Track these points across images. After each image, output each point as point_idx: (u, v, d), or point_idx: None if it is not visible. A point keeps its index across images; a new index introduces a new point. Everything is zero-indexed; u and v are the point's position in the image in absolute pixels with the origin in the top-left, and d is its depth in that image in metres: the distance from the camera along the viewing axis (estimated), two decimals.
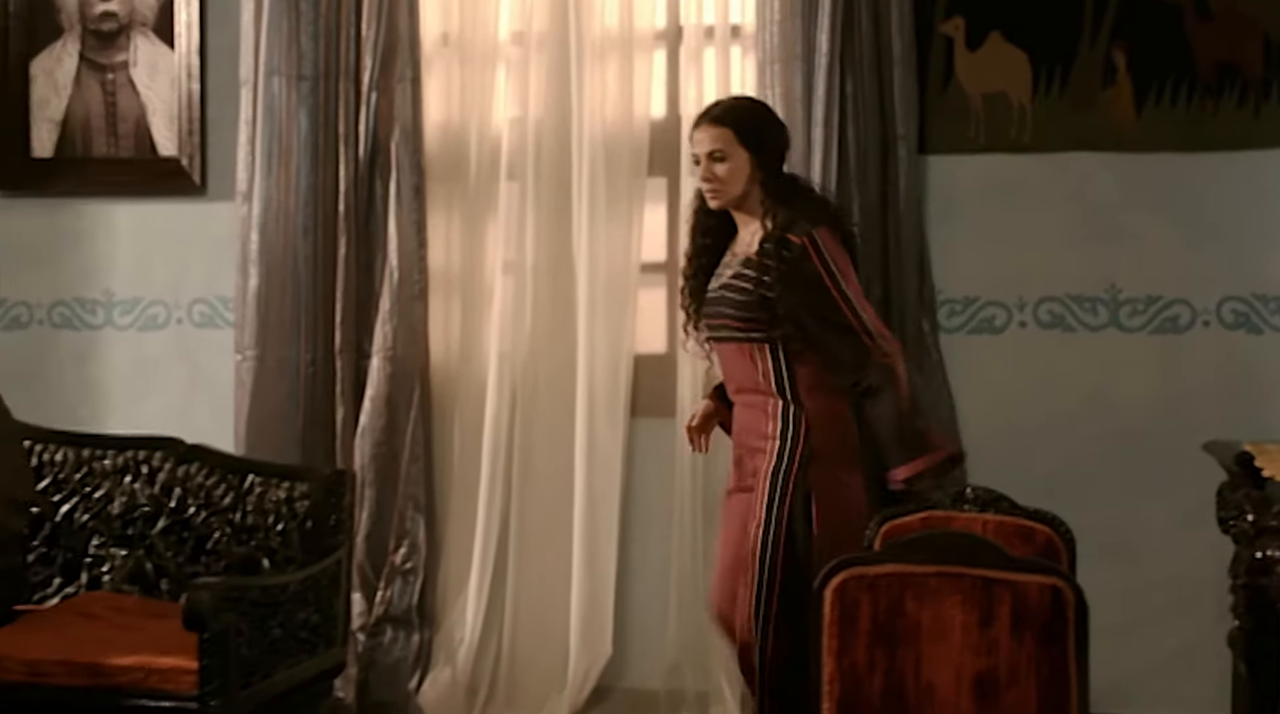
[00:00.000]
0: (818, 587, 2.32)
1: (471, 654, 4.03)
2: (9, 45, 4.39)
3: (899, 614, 2.25)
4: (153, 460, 3.67)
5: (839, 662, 2.27)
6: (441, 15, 4.14)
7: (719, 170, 3.26)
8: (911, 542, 2.30)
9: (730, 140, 3.26)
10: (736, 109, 3.36)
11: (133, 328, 4.40)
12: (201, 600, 2.91)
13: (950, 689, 2.23)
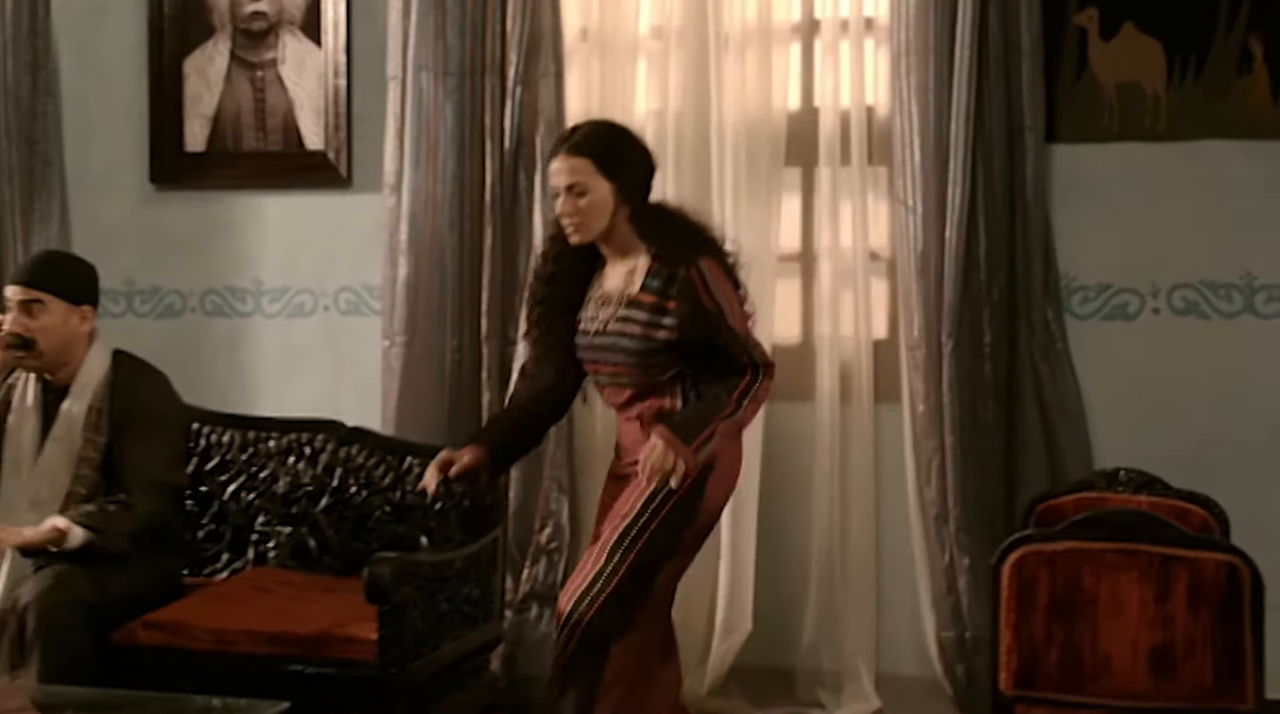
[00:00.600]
0: (994, 563, 2.41)
1: None
2: (164, 45, 4.57)
3: (1076, 589, 2.34)
4: (315, 442, 3.83)
5: (1016, 634, 2.36)
6: (582, 11, 4.25)
7: (580, 204, 3.01)
8: (1089, 520, 2.39)
9: (590, 171, 3.01)
10: (594, 136, 3.08)
11: (281, 315, 4.57)
12: (383, 575, 3.06)
13: (1126, 661, 2.31)
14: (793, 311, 4.25)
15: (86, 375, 3.44)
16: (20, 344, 3.36)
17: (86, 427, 3.37)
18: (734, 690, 4.15)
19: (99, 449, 3.37)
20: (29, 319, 3.36)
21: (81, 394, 3.41)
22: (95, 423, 3.38)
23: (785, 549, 4.18)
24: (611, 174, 3.02)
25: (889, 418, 4.11)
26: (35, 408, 3.44)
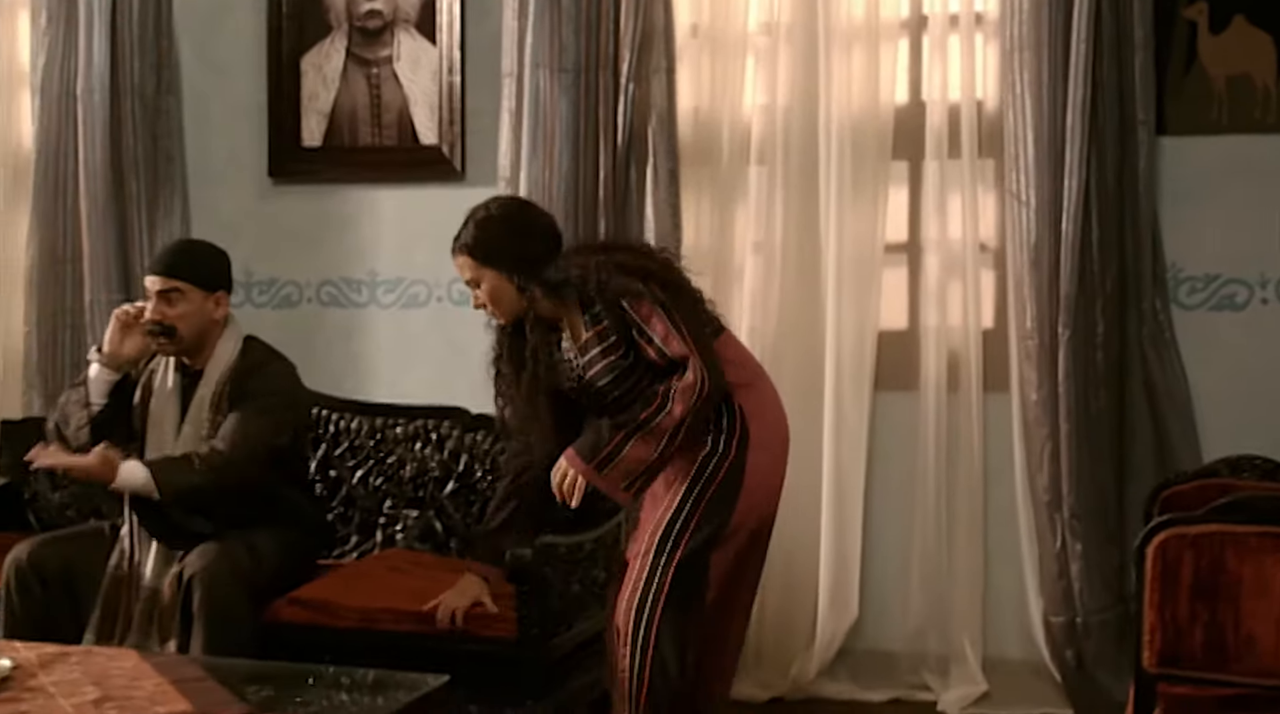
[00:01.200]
0: (1138, 545, 2.49)
1: None
2: (282, 43, 4.71)
3: (1220, 571, 2.41)
4: (441, 428, 3.96)
5: (1160, 614, 2.43)
6: (692, 8, 4.34)
7: (480, 296, 3.22)
8: (1232, 504, 2.45)
9: (474, 266, 3.21)
10: (475, 232, 3.25)
11: (395, 306, 4.70)
12: (524, 556, 3.18)
13: (1271, 641, 2.38)
14: (899, 302, 4.32)
15: (217, 360, 3.57)
16: (160, 331, 3.50)
17: (210, 408, 3.50)
18: (841, 674, 4.25)
19: (215, 428, 3.49)
20: (168, 307, 3.50)
21: (211, 378, 3.54)
22: (217, 405, 3.51)
23: (891, 534, 4.26)
24: (494, 264, 3.18)
25: (996, 406, 4.18)
26: (174, 392, 3.57)
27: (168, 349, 3.53)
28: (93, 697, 2.56)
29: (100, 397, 3.49)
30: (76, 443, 3.47)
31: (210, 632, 3.20)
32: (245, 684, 2.69)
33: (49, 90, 4.70)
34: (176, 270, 3.52)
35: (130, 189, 4.67)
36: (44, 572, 3.40)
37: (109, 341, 3.54)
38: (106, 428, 3.48)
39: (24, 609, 3.34)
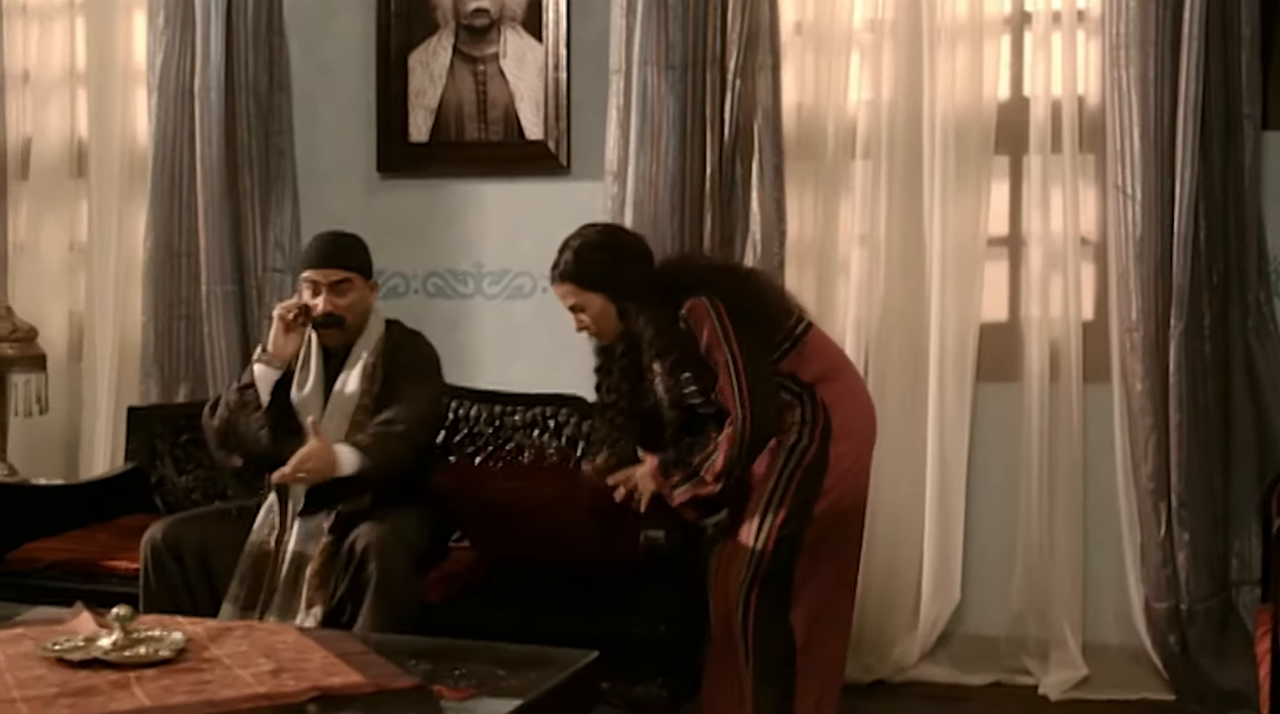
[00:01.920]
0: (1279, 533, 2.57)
1: None
2: (390, 40, 4.83)
3: None
4: (559, 416, 4.08)
5: None
6: (797, 5, 4.43)
7: (584, 319, 3.46)
8: None
9: (576, 292, 3.44)
10: (571, 260, 3.47)
11: (501, 297, 4.82)
12: (660, 539, 3.29)
13: None
14: (1000, 294, 4.40)
15: (365, 343, 3.71)
16: (334, 322, 3.63)
17: (363, 380, 3.63)
18: (942, 657, 4.34)
19: (373, 397, 3.64)
20: (338, 298, 3.64)
21: (359, 358, 3.68)
22: (370, 375, 3.64)
23: (993, 521, 4.35)
24: (597, 289, 3.42)
25: (1096, 397, 4.25)
26: (318, 376, 3.70)
27: (337, 338, 3.67)
28: (268, 668, 2.68)
29: (267, 395, 3.63)
30: (256, 445, 3.60)
31: (381, 602, 3.32)
32: (404, 658, 2.80)
33: (166, 88, 4.84)
34: (344, 262, 3.67)
35: (244, 184, 4.81)
36: (179, 550, 3.54)
37: (273, 342, 3.66)
38: (278, 425, 3.61)
39: (161, 586, 3.48)
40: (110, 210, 5.06)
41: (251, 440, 3.63)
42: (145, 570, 3.52)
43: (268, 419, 3.63)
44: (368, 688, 2.58)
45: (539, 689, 2.62)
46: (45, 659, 2.72)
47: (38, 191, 5.21)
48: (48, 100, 5.18)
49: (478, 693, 2.59)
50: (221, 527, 3.61)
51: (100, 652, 2.69)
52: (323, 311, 3.65)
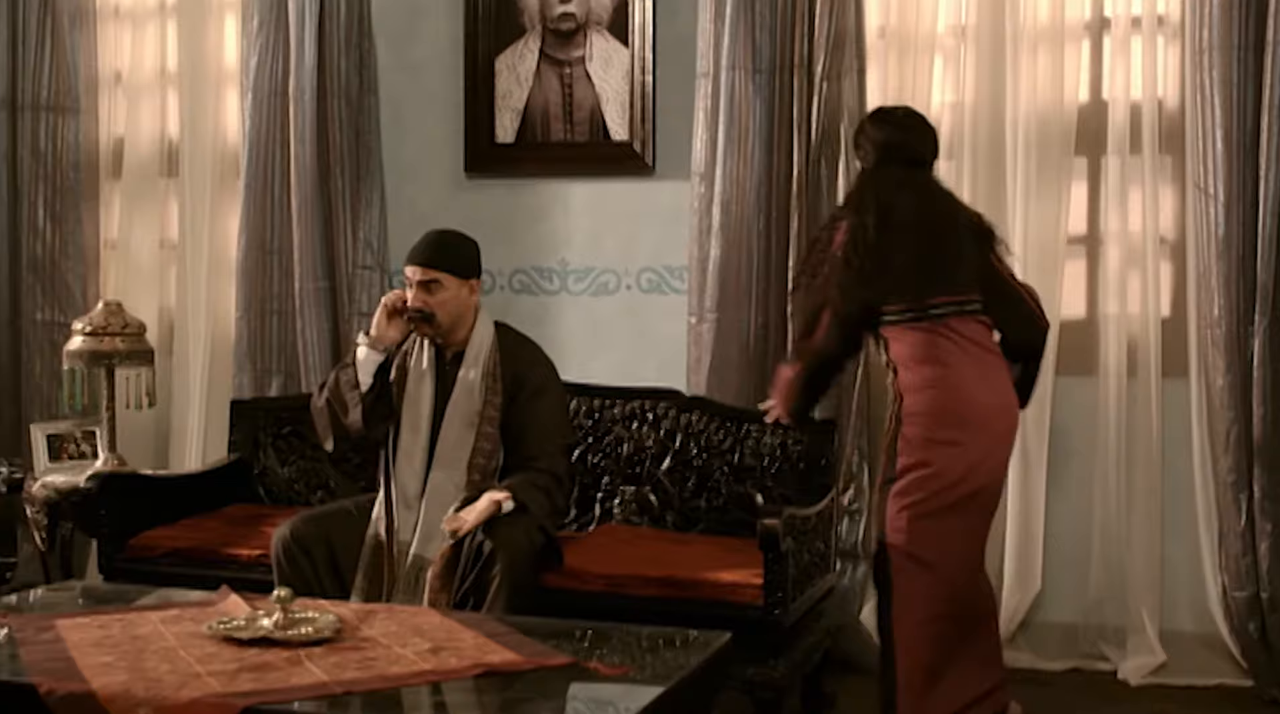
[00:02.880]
0: None
1: None
2: (478, 44, 4.96)
3: None
4: (657, 409, 4.21)
5: None
6: (881, 10, 4.56)
7: None
8: None
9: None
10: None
11: (585, 293, 4.95)
12: (775, 527, 3.42)
13: None
14: (1078, 291, 4.53)
15: (477, 343, 3.83)
16: (422, 317, 3.77)
17: (484, 391, 3.76)
18: (1023, 644, 4.47)
19: (497, 408, 3.76)
20: (428, 296, 3.77)
21: (475, 361, 3.81)
22: (491, 386, 3.77)
23: (1072, 513, 4.48)
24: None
25: (1173, 391, 4.38)
26: (430, 372, 3.83)
27: (427, 333, 3.80)
28: (426, 646, 2.81)
29: (368, 377, 3.76)
30: (351, 420, 3.73)
31: (506, 599, 3.44)
32: (543, 639, 2.93)
33: (260, 90, 4.97)
34: (436, 262, 3.78)
35: (335, 184, 4.94)
36: (308, 545, 3.67)
37: (375, 326, 3.80)
38: (375, 405, 3.74)
39: (294, 578, 3.60)
40: (201, 209, 5.19)
41: (347, 420, 3.75)
42: (278, 565, 3.65)
43: (364, 400, 3.75)
44: (527, 665, 2.72)
45: (688, 667, 2.75)
46: (213, 638, 2.86)
47: (129, 190, 5.34)
48: (139, 101, 5.31)
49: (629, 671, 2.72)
50: (345, 524, 3.74)
51: (265, 631, 2.83)
52: (412, 307, 3.78)
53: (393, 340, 3.80)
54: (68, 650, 2.76)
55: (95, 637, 2.87)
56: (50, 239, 5.28)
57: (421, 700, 2.54)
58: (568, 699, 2.58)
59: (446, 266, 3.79)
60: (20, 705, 2.58)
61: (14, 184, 5.31)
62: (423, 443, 3.78)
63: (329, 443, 3.82)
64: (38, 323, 5.29)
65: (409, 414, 3.82)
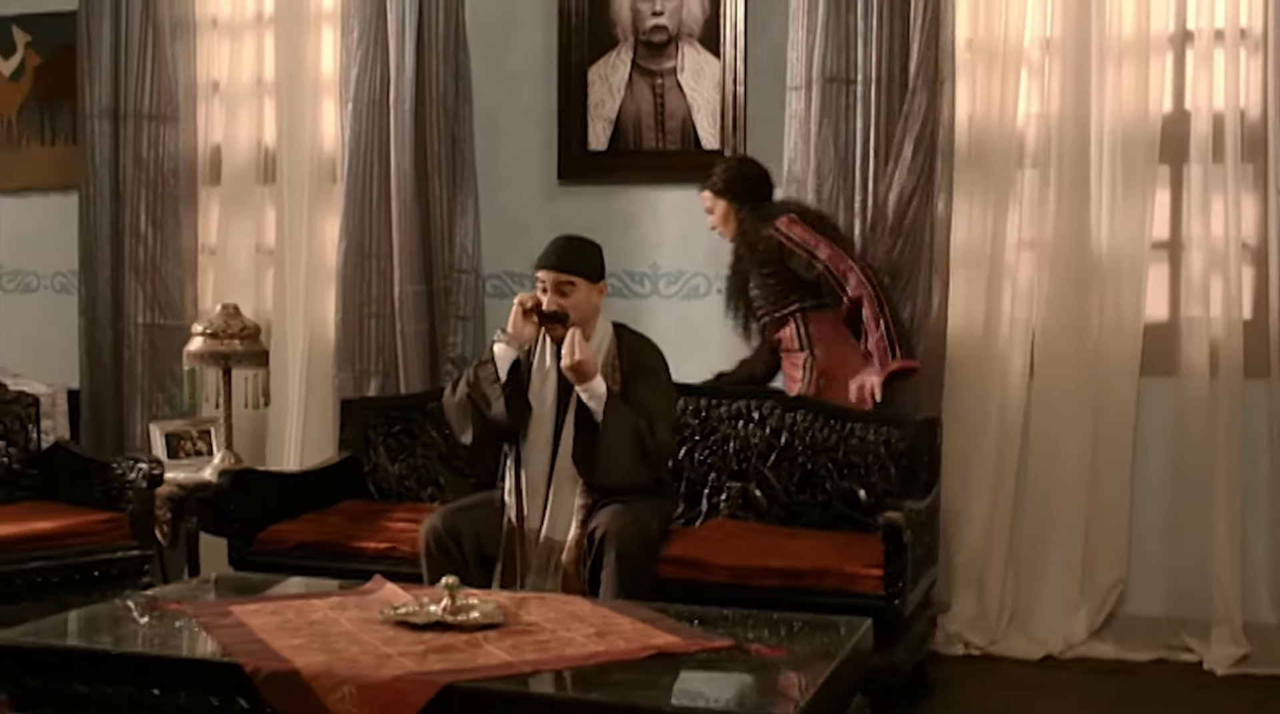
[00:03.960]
0: None
1: (996, 580, 4.66)
2: (570, 55, 5.13)
3: None
4: (763, 408, 4.36)
5: None
6: (969, 23, 4.71)
7: (713, 221, 4.54)
8: None
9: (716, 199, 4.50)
10: (727, 173, 4.52)
11: (676, 297, 5.11)
12: (899, 520, 3.59)
13: None
14: (1161, 294, 4.69)
15: (597, 342, 3.99)
16: (556, 319, 3.93)
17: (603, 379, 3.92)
18: (1108, 635, 4.62)
19: None
20: (562, 298, 3.93)
21: (596, 358, 3.96)
22: (610, 375, 3.93)
23: (1155, 506, 4.64)
24: (729, 197, 4.56)
25: (1254, 391, 4.54)
26: (553, 369, 3.98)
27: (560, 334, 3.95)
28: (590, 630, 2.97)
29: (505, 372, 3.92)
30: (495, 412, 3.89)
31: (620, 585, 3.61)
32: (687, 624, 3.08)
33: (360, 99, 5.14)
34: (569, 266, 3.94)
35: (434, 191, 5.11)
36: (457, 535, 3.82)
37: (511, 324, 3.95)
38: (514, 398, 3.90)
39: (445, 567, 3.74)
40: (299, 215, 5.36)
41: (490, 413, 3.90)
42: (428, 554, 3.80)
43: (503, 394, 3.91)
44: (691, 647, 2.87)
45: (843, 648, 2.91)
46: (387, 623, 3.01)
47: (227, 197, 5.51)
48: (237, 110, 5.48)
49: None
50: (489, 514, 3.89)
51: (438, 616, 2.99)
52: (548, 308, 3.94)
53: (528, 338, 3.96)
54: (256, 634, 2.92)
55: (275, 622, 3.02)
56: (152, 244, 5.45)
57: (604, 679, 2.68)
58: (742, 678, 2.73)
59: (579, 270, 3.95)
60: (221, 685, 2.74)
61: (117, 190, 5.48)
62: (547, 435, 3.94)
63: (467, 436, 3.97)
64: (139, 325, 5.46)
65: (537, 408, 3.97)
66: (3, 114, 5.89)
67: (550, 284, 3.94)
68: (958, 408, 4.71)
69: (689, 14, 5.02)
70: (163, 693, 2.77)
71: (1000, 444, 4.68)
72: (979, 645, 4.64)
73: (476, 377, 3.95)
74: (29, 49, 5.84)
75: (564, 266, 3.95)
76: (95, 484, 4.21)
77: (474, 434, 3.99)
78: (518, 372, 3.96)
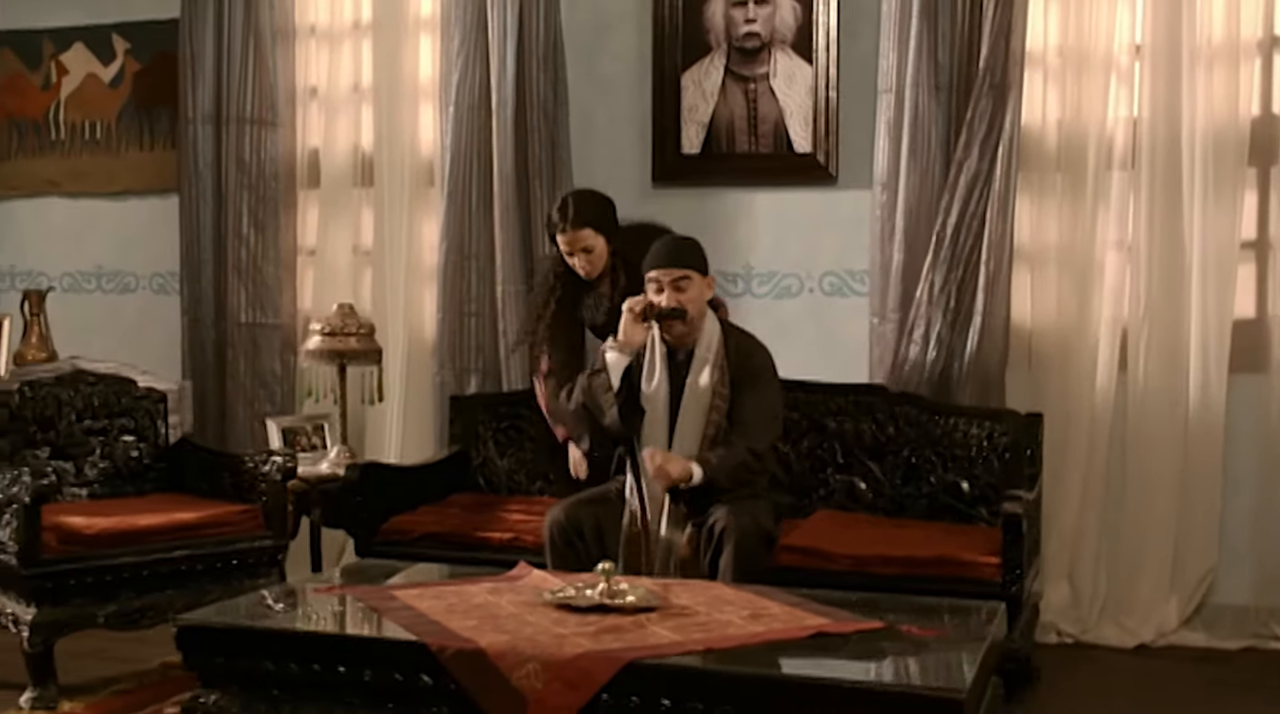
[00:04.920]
0: None
1: (1088, 570, 4.80)
2: (665, 61, 5.28)
3: None
4: (869, 402, 4.50)
5: None
6: (1059, 30, 4.85)
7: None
8: None
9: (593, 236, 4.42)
10: (587, 210, 4.48)
11: (769, 296, 5.25)
12: (1019, 511, 3.73)
13: None
14: (1249, 293, 4.82)
15: (707, 340, 4.13)
16: (677, 314, 4.07)
17: (714, 382, 4.06)
18: (1199, 624, 4.75)
19: (725, 399, 4.05)
20: (680, 293, 4.07)
21: (706, 356, 4.10)
22: (720, 377, 4.07)
23: (1245, 501, 4.77)
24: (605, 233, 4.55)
25: None
26: (663, 369, 4.11)
27: (679, 330, 4.09)
28: (744, 613, 3.11)
29: (618, 379, 4.06)
30: (610, 420, 4.04)
31: (737, 577, 3.73)
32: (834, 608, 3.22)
33: (461, 104, 5.28)
34: (684, 261, 4.09)
35: (534, 193, 5.25)
36: (580, 527, 3.97)
37: (623, 331, 4.08)
38: (627, 403, 4.04)
39: (569, 557, 3.90)
40: (397, 216, 5.51)
41: (605, 422, 4.05)
42: (552, 546, 3.95)
43: (617, 401, 4.05)
44: (847, 628, 3.01)
45: (989, 629, 3.04)
46: (548, 606, 3.16)
47: (325, 199, 5.67)
48: (336, 114, 5.64)
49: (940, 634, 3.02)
50: (609, 508, 4.03)
51: (598, 599, 3.13)
52: (667, 305, 4.08)
53: (639, 343, 4.08)
54: (429, 616, 3.06)
55: (442, 605, 3.17)
56: (254, 245, 5.61)
57: (775, 658, 2.82)
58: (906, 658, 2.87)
59: (692, 264, 4.09)
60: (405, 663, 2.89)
61: (220, 193, 5.64)
62: (662, 435, 4.08)
63: (585, 443, 4.13)
64: (241, 324, 5.62)
65: (648, 411, 4.10)
66: (102, 119, 6.06)
67: (666, 281, 4.07)
68: (1045, 402, 4.81)
69: (781, 21, 5.16)
70: (348, 670, 2.92)
71: (1091, 437, 4.81)
72: (1071, 634, 4.77)
73: (590, 385, 4.08)
74: (128, 56, 6.01)
75: (679, 261, 4.08)
76: (224, 477, 4.36)
77: (590, 440, 4.14)
78: (629, 377, 4.09)
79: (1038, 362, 4.93)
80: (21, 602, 3.82)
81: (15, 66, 6.19)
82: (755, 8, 5.18)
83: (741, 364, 4.11)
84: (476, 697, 2.80)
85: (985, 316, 4.74)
